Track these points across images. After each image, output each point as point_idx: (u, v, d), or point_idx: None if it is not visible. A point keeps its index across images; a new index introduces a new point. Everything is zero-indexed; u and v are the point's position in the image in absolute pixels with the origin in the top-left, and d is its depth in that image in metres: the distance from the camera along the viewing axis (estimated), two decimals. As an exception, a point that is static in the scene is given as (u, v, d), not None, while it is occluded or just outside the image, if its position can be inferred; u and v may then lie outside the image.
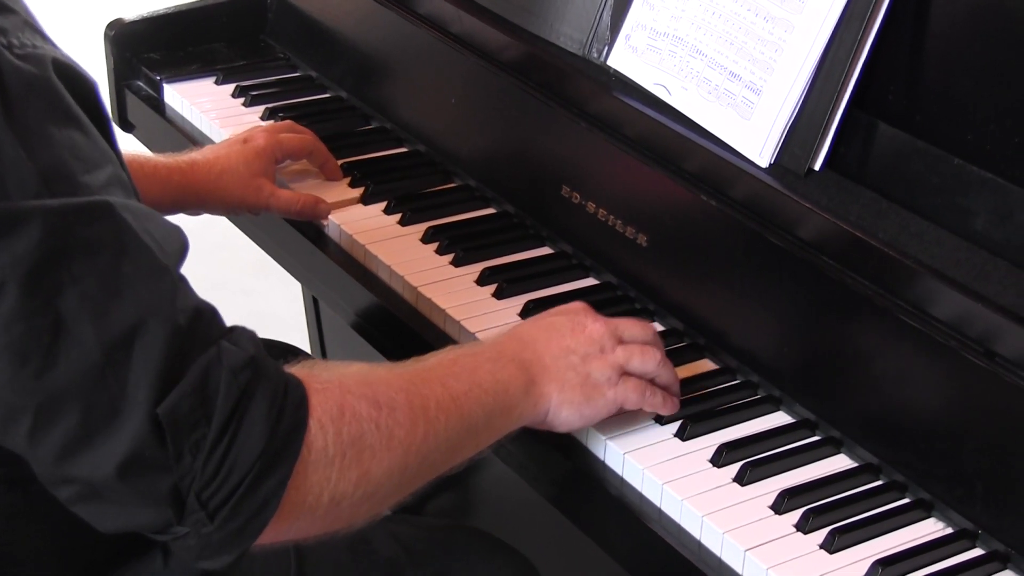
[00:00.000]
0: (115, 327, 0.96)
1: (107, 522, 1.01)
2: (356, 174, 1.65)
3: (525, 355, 1.21)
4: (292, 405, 1.01)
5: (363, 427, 1.05)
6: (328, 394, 1.05)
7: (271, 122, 1.71)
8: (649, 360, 1.26)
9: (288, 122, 1.67)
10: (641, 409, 1.27)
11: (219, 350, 0.99)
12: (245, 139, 1.59)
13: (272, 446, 0.99)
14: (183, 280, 1.01)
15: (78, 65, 1.04)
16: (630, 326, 1.28)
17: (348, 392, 1.06)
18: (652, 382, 1.27)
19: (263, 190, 1.56)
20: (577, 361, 1.22)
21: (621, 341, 1.26)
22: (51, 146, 0.97)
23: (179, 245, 1.03)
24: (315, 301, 2.20)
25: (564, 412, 1.22)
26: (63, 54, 1.03)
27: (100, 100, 1.05)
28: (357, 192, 1.62)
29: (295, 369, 1.06)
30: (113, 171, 1.01)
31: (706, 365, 1.38)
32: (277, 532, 1.03)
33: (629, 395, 1.24)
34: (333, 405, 1.04)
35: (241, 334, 1.03)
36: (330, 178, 1.64)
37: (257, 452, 0.99)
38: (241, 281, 3.05)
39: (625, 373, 1.24)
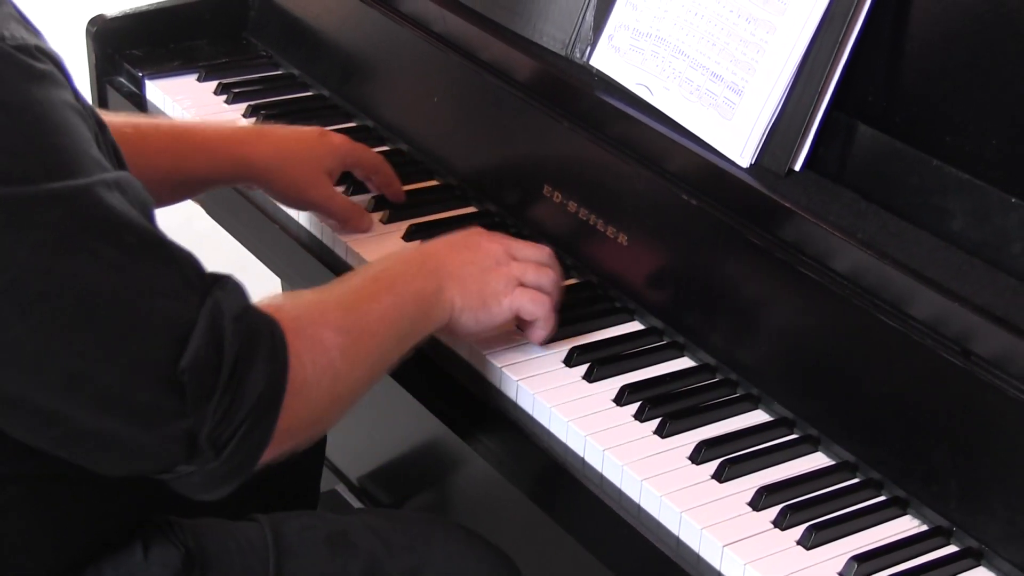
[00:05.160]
0: (129, 297, 1.02)
1: (117, 468, 1.07)
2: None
3: (430, 265, 1.30)
4: (281, 345, 1.09)
5: (330, 355, 1.14)
6: (300, 328, 1.13)
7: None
8: (544, 277, 1.35)
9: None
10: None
11: (215, 299, 1.06)
12: (321, 132, 1.57)
13: (270, 385, 1.08)
14: (163, 234, 1.07)
15: (50, 46, 1.07)
16: (524, 247, 1.37)
17: (314, 323, 1.15)
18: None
19: (323, 188, 1.53)
20: (476, 271, 1.31)
21: (515, 259, 1.34)
22: (53, 132, 1.01)
23: (150, 208, 1.09)
24: (295, 299, 2.20)
25: (464, 317, 1.30)
26: (46, 42, 1.07)
27: (69, 76, 1.08)
28: (377, 216, 1.58)
29: (265, 307, 1.12)
30: (98, 143, 1.06)
31: (686, 363, 1.38)
32: (268, 456, 1.11)
33: (524, 303, 1.33)
34: (306, 339, 1.13)
35: (230, 282, 1.09)
36: (394, 200, 1.60)
37: (259, 392, 1.07)
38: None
39: (521, 285, 1.33)
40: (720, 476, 1.24)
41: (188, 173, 1.49)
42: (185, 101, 1.80)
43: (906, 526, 1.21)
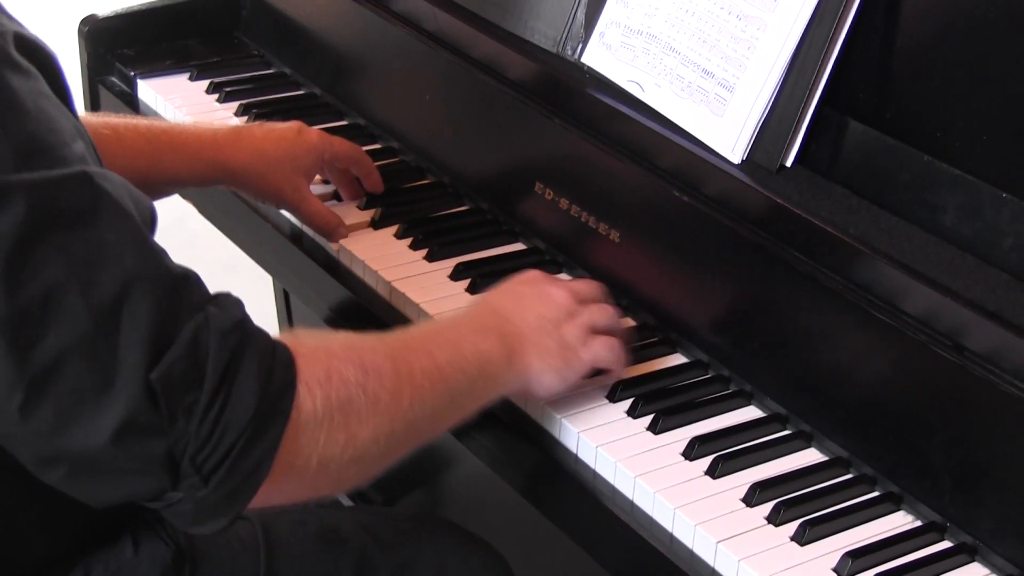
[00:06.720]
0: (103, 295, 0.96)
1: (101, 495, 1.01)
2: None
3: (505, 327, 1.24)
4: (281, 367, 1.02)
5: (350, 391, 1.06)
6: (315, 358, 1.06)
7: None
8: (610, 316, 1.32)
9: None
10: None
11: (207, 314, 1.00)
12: (299, 130, 1.55)
13: (263, 407, 1.00)
14: (161, 248, 1.02)
15: (39, 38, 1.04)
16: (583, 286, 1.34)
17: (334, 356, 1.07)
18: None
19: (300, 190, 1.52)
20: (551, 328, 1.26)
21: (581, 303, 1.30)
22: (27, 120, 0.97)
23: (149, 215, 1.04)
24: (286, 298, 2.20)
25: (546, 378, 1.25)
26: (26, 29, 1.04)
27: (61, 72, 1.05)
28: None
29: (280, 336, 1.07)
30: (84, 145, 1.02)
31: (678, 360, 1.38)
32: (268, 494, 1.03)
33: (601, 352, 1.29)
34: (320, 369, 1.05)
35: (227, 299, 1.04)
36: (372, 191, 1.60)
37: (250, 413, 0.99)
38: (211, 280, 3.02)
39: (592, 332, 1.29)
40: (713, 472, 1.24)
41: (164, 175, 1.48)
42: (177, 100, 1.80)
43: (900, 522, 1.21)
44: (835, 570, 1.15)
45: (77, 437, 0.97)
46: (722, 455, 1.25)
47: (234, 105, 1.79)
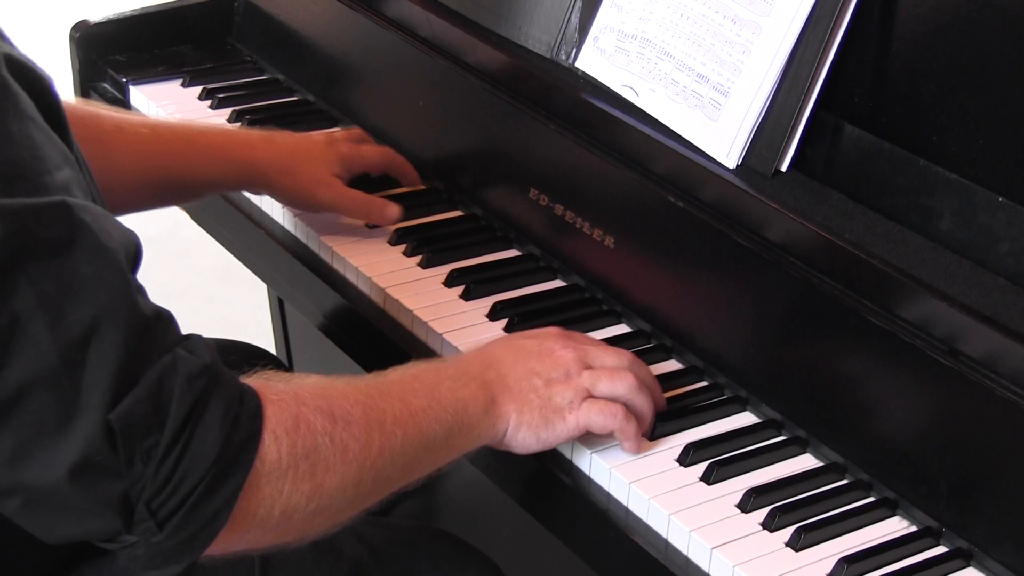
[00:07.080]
0: (72, 329, 0.94)
1: (54, 531, 0.99)
2: (323, 176, 1.65)
3: (488, 375, 1.20)
4: (247, 415, 1.00)
5: (317, 440, 1.04)
6: (283, 405, 1.03)
7: (338, 129, 1.67)
8: (619, 383, 1.23)
9: (359, 130, 1.63)
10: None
11: (175, 357, 0.98)
12: (329, 141, 1.55)
13: (225, 455, 0.98)
14: (139, 285, 1.00)
15: (33, 62, 1.02)
16: (602, 353, 1.26)
17: (303, 404, 1.05)
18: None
19: (334, 187, 1.52)
20: (540, 384, 1.21)
21: (590, 367, 1.23)
22: (10, 145, 0.95)
23: (134, 250, 1.01)
24: (281, 305, 2.19)
25: (521, 434, 1.20)
26: (18, 51, 1.02)
27: (56, 97, 1.03)
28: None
29: (251, 379, 1.04)
30: (71, 173, 0.99)
31: (673, 366, 1.38)
32: (227, 543, 1.02)
33: (592, 417, 1.22)
34: (288, 416, 1.03)
35: (197, 342, 1.01)
36: (410, 185, 1.59)
37: (210, 461, 0.97)
38: (206, 288, 3.04)
39: (591, 397, 1.22)
40: (708, 478, 1.24)
41: (200, 177, 1.47)
42: (169, 107, 1.80)
43: (895, 527, 1.21)
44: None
45: (33, 471, 0.95)
46: (717, 461, 1.25)
47: (227, 111, 1.79)
